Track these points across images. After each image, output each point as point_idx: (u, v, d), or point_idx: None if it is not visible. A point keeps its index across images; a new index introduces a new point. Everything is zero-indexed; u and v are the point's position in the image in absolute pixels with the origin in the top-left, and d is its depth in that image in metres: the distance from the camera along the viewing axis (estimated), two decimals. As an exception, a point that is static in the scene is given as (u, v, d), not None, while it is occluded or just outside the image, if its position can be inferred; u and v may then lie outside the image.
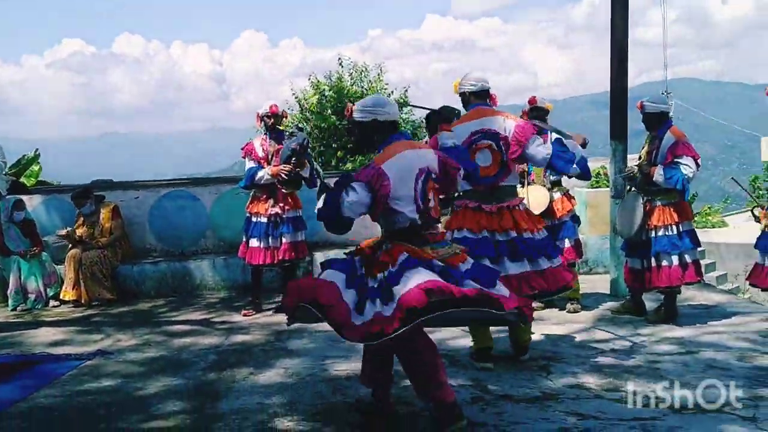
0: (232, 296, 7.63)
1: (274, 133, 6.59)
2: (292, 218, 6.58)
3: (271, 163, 6.48)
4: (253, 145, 6.61)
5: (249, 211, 6.61)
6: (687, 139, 5.48)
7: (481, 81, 4.83)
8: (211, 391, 4.54)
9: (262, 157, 6.52)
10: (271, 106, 6.57)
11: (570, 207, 6.11)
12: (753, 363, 4.61)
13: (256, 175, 6.43)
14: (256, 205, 6.56)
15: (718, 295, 6.83)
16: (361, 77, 19.20)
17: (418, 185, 3.61)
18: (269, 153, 6.53)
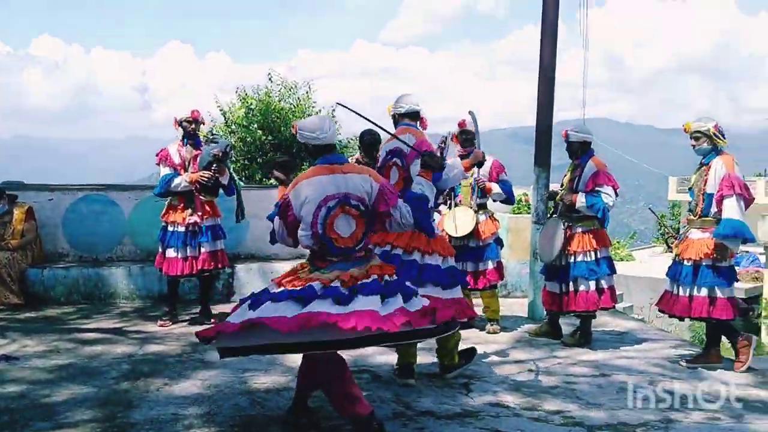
0: (147, 306, 7.37)
1: (191, 139, 6.40)
2: (211, 227, 6.41)
3: (188, 170, 6.30)
4: (168, 152, 6.37)
5: (165, 220, 6.37)
6: (608, 169, 5.69)
7: (410, 103, 4.96)
8: (123, 400, 4.36)
9: (178, 164, 6.30)
10: (192, 111, 6.40)
11: (494, 229, 6.23)
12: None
13: (173, 181, 6.22)
14: (172, 213, 6.33)
15: (630, 322, 7.09)
16: (289, 94, 19.13)
17: (321, 212, 3.64)
18: (186, 159, 6.33)
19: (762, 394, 4.67)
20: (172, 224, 6.31)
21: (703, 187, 5.13)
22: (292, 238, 3.80)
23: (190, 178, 6.19)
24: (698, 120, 5.24)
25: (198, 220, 6.27)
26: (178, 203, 6.31)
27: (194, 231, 6.29)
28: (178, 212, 6.30)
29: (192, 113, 6.38)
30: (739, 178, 4.99)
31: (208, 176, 6.18)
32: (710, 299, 5.07)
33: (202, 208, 6.32)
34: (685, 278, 5.15)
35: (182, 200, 6.30)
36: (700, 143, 5.17)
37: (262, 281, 7.72)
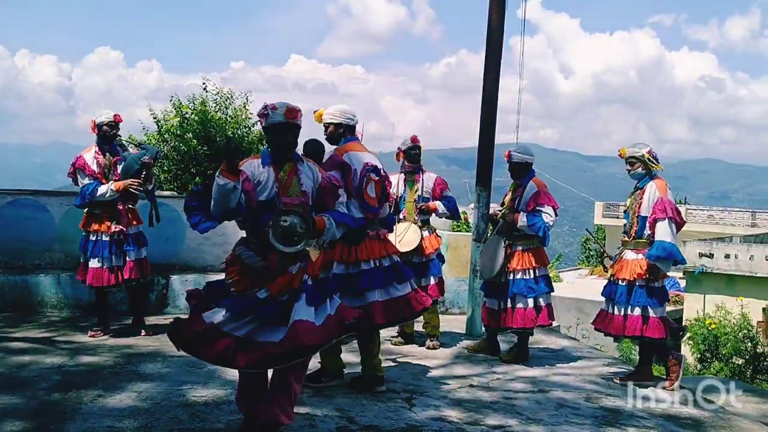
0: (77, 315, 7.09)
1: (108, 144, 6.14)
2: (135, 235, 6.20)
3: (109, 178, 6.07)
4: (84, 160, 6.05)
5: (86, 230, 6.10)
6: (548, 190, 5.85)
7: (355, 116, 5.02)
8: (55, 411, 4.20)
9: (97, 172, 6.03)
10: (115, 115, 6.13)
11: (437, 245, 6.29)
12: (599, 404, 4.91)
13: (97, 191, 5.94)
14: (95, 223, 6.05)
15: (563, 340, 7.25)
16: (226, 104, 18.91)
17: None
18: (105, 166, 6.07)
19: (691, 411, 4.86)
20: (95, 233, 6.04)
21: (638, 210, 5.33)
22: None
23: (116, 186, 5.95)
24: (633, 146, 5.45)
25: (123, 228, 6.07)
26: (101, 212, 6.05)
27: (119, 240, 6.07)
28: (102, 221, 6.03)
29: (115, 117, 6.11)
30: (672, 203, 5.20)
31: (137, 184, 5.99)
32: (643, 318, 5.26)
33: (126, 216, 6.12)
34: (620, 297, 5.33)
35: (105, 209, 6.04)
36: (635, 168, 5.38)
37: (198, 293, 7.57)
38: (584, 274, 29.75)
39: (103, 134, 6.10)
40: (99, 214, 6.06)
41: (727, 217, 34.33)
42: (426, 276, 6.16)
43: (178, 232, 7.70)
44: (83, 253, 6.12)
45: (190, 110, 18.22)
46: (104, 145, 6.12)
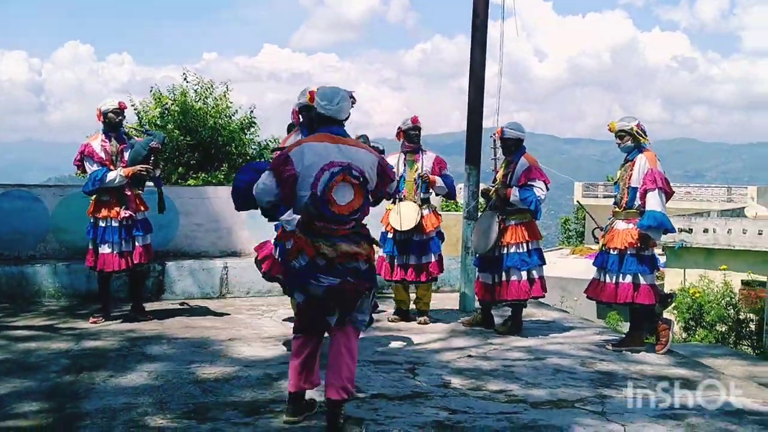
0: (75, 304, 7.14)
1: (114, 132, 6.22)
2: (143, 220, 6.29)
3: (116, 165, 6.15)
4: (92, 147, 6.12)
5: (95, 216, 6.18)
6: (539, 165, 6.01)
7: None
8: (69, 392, 4.30)
9: (105, 159, 6.10)
10: (120, 102, 6.22)
11: (437, 223, 6.41)
12: (594, 368, 5.09)
13: (107, 177, 6.01)
14: (104, 209, 6.12)
15: (555, 313, 7.45)
16: (206, 94, 18.87)
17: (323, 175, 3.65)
18: (112, 154, 6.16)
19: (683, 372, 5.06)
20: (104, 219, 6.11)
21: (628, 181, 5.50)
22: (283, 193, 3.71)
23: (126, 172, 6.04)
24: (622, 119, 5.62)
25: (132, 214, 6.16)
26: (110, 198, 6.12)
27: (128, 225, 6.16)
28: (111, 207, 6.10)
29: (120, 104, 6.19)
30: (662, 173, 5.38)
31: (147, 169, 6.09)
32: (634, 285, 5.44)
33: (134, 202, 6.21)
34: (612, 266, 5.51)
35: (113, 195, 6.12)
36: (625, 141, 5.55)
37: (193, 279, 7.69)
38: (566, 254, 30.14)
39: (109, 121, 6.17)
40: (108, 201, 6.12)
41: (704, 194, 34.94)
42: (426, 254, 6.31)
43: (172, 219, 7.77)
44: (92, 240, 6.18)
45: (171, 101, 18.17)
46: (110, 133, 6.19)
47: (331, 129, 3.82)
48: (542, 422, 3.86)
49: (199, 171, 17.07)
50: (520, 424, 3.84)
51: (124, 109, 6.27)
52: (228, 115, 18.74)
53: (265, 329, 6.18)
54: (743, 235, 19.50)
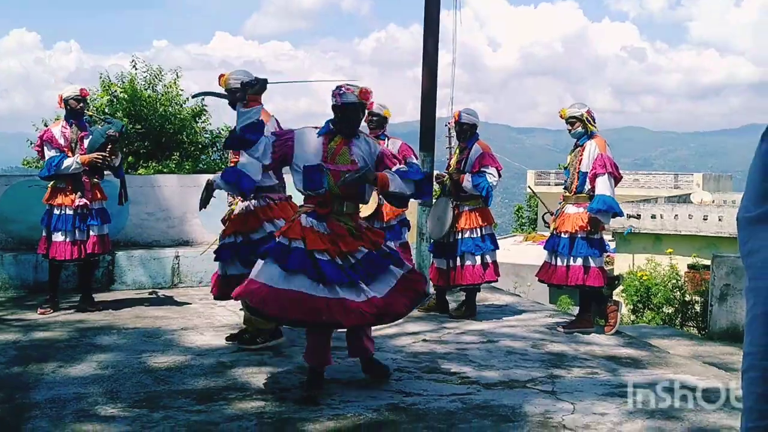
0: (23, 295, 6.98)
1: (76, 119, 6.13)
2: (99, 210, 6.21)
3: (75, 152, 6.07)
4: (52, 133, 6.06)
5: (51, 203, 6.10)
6: (492, 151, 6.07)
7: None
8: (18, 383, 4.20)
9: (64, 145, 6.02)
10: (81, 89, 6.17)
11: (399, 211, 6.37)
12: (545, 349, 5.19)
13: (63, 163, 5.94)
14: (60, 196, 6.04)
15: (507, 297, 7.56)
16: (156, 81, 18.54)
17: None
18: (72, 140, 6.07)
19: (630, 352, 5.19)
20: (59, 207, 6.01)
21: (578, 166, 5.60)
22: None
23: (83, 160, 5.94)
24: (572, 106, 5.71)
25: (87, 202, 6.04)
26: (65, 186, 6.02)
27: (83, 214, 6.05)
28: (66, 195, 6.01)
29: (81, 91, 6.13)
30: (611, 158, 5.49)
31: (103, 157, 5.98)
32: (584, 268, 5.55)
33: (91, 191, 6.10)
34: (563, 249, 5.61)
35: (70, 182, 6.03)
36: (575, 127, 5.64)
37: (143, 269, 7.57)
38: (519, 241, 30.52)
39: (71, 108, 6.08)
40: (64, 188, 6.02)
41: (652, 181, 35.73)
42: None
43: (122, 209, 7.63)
44: (46, 227, 6.06)
45: (119, 89, 17.80)
46: (72, 119, 6.09)
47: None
48: (494, 402, 3.92)
49: (149, 160, 16.79)
50: (473, 404, 3.89)
51: (85, 96, 6.22)
52: (179, 103, 18.45)
53: (218, 318, 6.13)
54: (689, 221, 20.06)
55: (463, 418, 3.67)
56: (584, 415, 3.73)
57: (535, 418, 3.68)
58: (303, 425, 3.54)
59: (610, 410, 3.82)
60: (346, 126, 4.10)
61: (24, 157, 19.93)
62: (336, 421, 3.62)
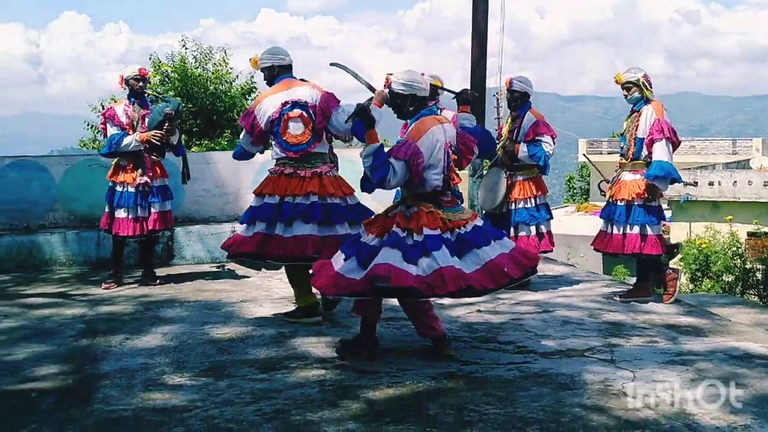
0: (86, 271, 7.25)
1: (138, 98, 6.32)
2: (161, 187, 6.37)
3: (136, 130, 6.24)
4: (114, 111, 6.28)
5: (113, 181, 6.30)
6: (545, 119, 5.99)
7: (287, 55, 5.15)
8: (87, 355, 4.37)
9: (126, 123, 6.22)
10: (140, 68, 6.33)
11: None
12: (602, 319, 5.15)
13: (122, 141, 6.13)
14: (121, 174, 6.24)
15: (562, 267, 7.50)
16: (206, 60, 18.78)
17: (444, 156, 4.04)
18: (134, 119, 6.26)
19: (690, 320, 5.11)
20: (122, 184, 6.22)
21: (635, 132, 5.49)
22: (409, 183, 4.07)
23: (141, 138, 6.12)
24: (628, 71, 5.59)
25: (148, 180, 6.21)
26: (127, 163, 6.22)
27: (145, 191, 6.23)
28: (128, 172, 6.21)
29: (140, 70, 6.29)
30: (668, 123, 5.36)
31: (160, 135, 6.13)
32: (641, 236, 5.47)
33: (152, 168, 6.26)
34: (619, 217, 5.53)
35: (131, 160, 6.21)
36: (631, 92, 5.52)
37: (202, 243, 7.75)
38: (570, 212, 30.14)
39: (131, 88, 6.26)
40: (126, 165, 6.22)
41: (709, 147, 34.76)
42: None
43: (178, 185, 7.82)
44: (109, 204, 6.27)
45: (170, 68, 18.08)
46: (134, 98, 6.28)
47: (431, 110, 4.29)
48: (552, 371, 3.92)
49: (201, 138, 17.08)
50: (530, 372, 3.90)
51: (144, 75, 6.36)
52: (228, 81, 18.68)
53: (275, 291, 6.24)
54: (749, 187, 19.47)
55: (521, 385, 3.69)
56: (645, 382, 3.70)
57: (594, 386, 3.67)
58: (363, 392, 3.61)
59: (672, 378, 3.78)
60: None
61: (80, 138, 20.47)
62: (395, 388, 3.67)
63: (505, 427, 3.14)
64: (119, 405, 3.48)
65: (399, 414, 3.31)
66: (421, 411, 3.35)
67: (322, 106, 4.93)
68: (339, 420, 3.25)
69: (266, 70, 5.07)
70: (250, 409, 3.39)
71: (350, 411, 3.36)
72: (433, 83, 6.15)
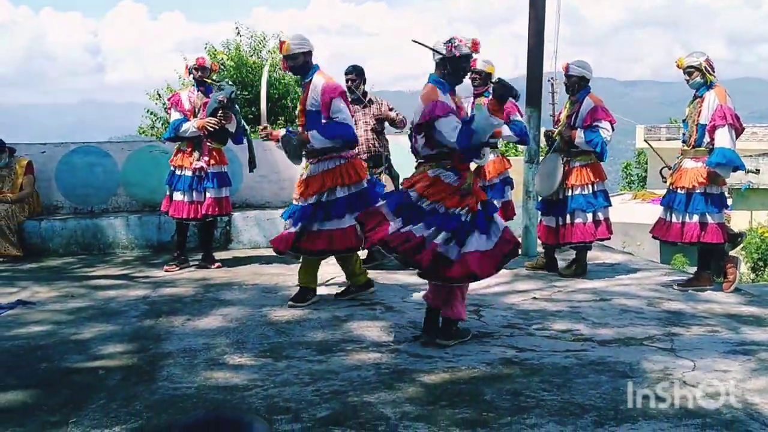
0: (148, 254, 7.46)
1: (202, 86, 6.48)
2: (217, 173, 6.51)
3: (197, 116, 6.38)
4: (179, 97, 6.49)
5: (173, 165, 6.49)
6: (604, 105, 5.89)
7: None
8: (150, 334, 4.51)
9: (188, 110, 6.41)
10: (198, 58, 6.49)
11: (502, 169, 6.34)
12: (661, 307, 5.07)
13: (181, 126, 6.32)
14: (180, 158, 6.44)
15: (619, 255, 7.39)
16: (259, 48, 18.94)
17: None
18: (196, 106, 6.42)
19: (752, 310, 4.99)
20: (180, 168, 6.42)
21: (697, 118, 5.36)
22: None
23: (197, 124, 6.28)
24: (690, 55, 5.45)
25: (204, 165, 6.36)
26: (187, 148, 6.41)
27: (200, 176, 6.39)
28: (186, 157, 6.40)
29: (197, 60, 6.45)
30: (731, 109, 5.22)
31: (215, 122, 6.26)
32: (701, 225, 5.35)
33: (209, 154, 6.40)
34: (679, 205, 5.42)
35: (191, 145, 6.40)
36: (693, 77, 5.39)
37: (258, 228, 7.88)
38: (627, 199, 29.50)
39: (193, 77, 6.49)
40: (185, 150, 6.43)
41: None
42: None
43: (235, 171, 7.97)
44: (169, 186, 6.47)
45: (226, 56, 18.29)
46: (199, 86, 6.47)
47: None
48: (611, 359, 3.89)
49: (257, 125, 17.28)
50: (588, 360, 3.87)
51: (201, 65, 6.48)
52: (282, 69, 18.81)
53: (328, 275, 6.31)
54: (813, 174, 18.74)
55: (578, 373, 3.67)
56: (706, 372, 3.64)
57: (654, 374, 3.62)
58: (419, 376, 3.64)
59: (733, 368, 3.71)
60: (457, 77, 4.19)
61: (139, 125, 20.95)
62: (451, 373, 3.70)
63: (562, 413, 3.14)
64: (183, 383, 3.59)
65: (455, 398, 3.34)
66: (477, 396, 3.36)
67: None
68: (395, 402, 3.29)
69: (304, 55, 5.03)
70: (308, 389, 3.46)
71: (407, 393, 3.40)
72: (487, 70, 6.13)
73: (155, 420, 3.13)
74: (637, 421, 3.05)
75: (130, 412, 3.23)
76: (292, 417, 3.13)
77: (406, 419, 3.10)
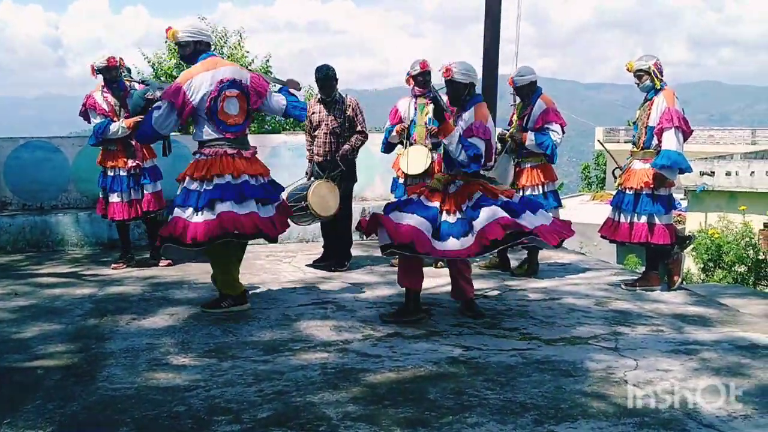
0: (98, 252, 7.33)
1: (114, 83, 6.25)
2: (150, 168, 6.39)
3: (120, 115, 6.22)
4: (94, 99, 6.22)
5: (104, 166, 6.31)
6: (556, 107, 5.94)
7: (210, 33, 5.02)
8: (94, 334, 4.43)
9: (108, 111, 6.19)
10: (108, 58, 6.20)
11: None
12: (609, 307, 5.13)
13: (109, 129, 6.12)
14: (111, 159, 6.26)
15: (571, 255, 7.46)
16: (221, 42, 18.80)
17: None
18: (114, 105, 6.24)
19: (698, 310, 5.08)
20: (113, 169, 6.25)
21: (646, 120, 5.43)
22: None
23: (127, 123, 6.10)
24: (640, 59, 5.52)
25: (139, 163, 6.25)
26: (116, 148, 6.24)
27: (136, 174, 6.28)
28: (118, 157, 6.23)
29: (108, 60, 6.16)
30: (679, 112, 5.29)
31: None
32: (649, 225, 5.43)
33: (141, 151, 6.29)
34: (627, 206, 5.49)
35: (120, 145, 6.23)
36: (643, 81, 5.46)
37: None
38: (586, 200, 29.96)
39: (104, 76, 6.23)
40: (114, 151, 6.25)
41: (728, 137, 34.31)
42: None
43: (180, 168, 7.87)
44: (102, 189, 6.33)
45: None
46: (111, 85, 6.25)
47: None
48: (555, 358, 3.92)
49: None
50: (533, 359, 3.90)
51: (113, 65, 6.20)
52: (244, 65, 18.68)
53: (283, 274, 6.27)
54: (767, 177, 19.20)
55: (522, 372, 3.69)
56: (647, 371, 3.69)
57: (596, 373, 3.66)
58: (365, 376, 3.63)
59: (675, 367, 3.77)
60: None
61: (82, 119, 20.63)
62: (397, 372, 3.69)
63: (503, 412, 3.15)
64: (123, 383, 3.53)
65: (399, 397, 3.33)
66: (421, 395, 3.36)
67: (255, 86, 4.80)
68: (338, 402, 3.27)
69: (189, 45, 4.78)
70: (251, 390, 3.43)
71: (351, 393, 3.39)
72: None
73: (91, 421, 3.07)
74: (576, 419, 3.08)
75: (66, 413, 3.17)
76: (233, 418, 3.10)
77: (348, 419, 3.09)
